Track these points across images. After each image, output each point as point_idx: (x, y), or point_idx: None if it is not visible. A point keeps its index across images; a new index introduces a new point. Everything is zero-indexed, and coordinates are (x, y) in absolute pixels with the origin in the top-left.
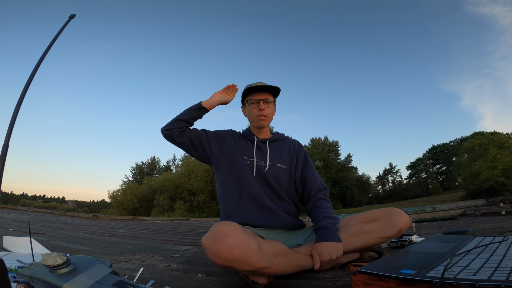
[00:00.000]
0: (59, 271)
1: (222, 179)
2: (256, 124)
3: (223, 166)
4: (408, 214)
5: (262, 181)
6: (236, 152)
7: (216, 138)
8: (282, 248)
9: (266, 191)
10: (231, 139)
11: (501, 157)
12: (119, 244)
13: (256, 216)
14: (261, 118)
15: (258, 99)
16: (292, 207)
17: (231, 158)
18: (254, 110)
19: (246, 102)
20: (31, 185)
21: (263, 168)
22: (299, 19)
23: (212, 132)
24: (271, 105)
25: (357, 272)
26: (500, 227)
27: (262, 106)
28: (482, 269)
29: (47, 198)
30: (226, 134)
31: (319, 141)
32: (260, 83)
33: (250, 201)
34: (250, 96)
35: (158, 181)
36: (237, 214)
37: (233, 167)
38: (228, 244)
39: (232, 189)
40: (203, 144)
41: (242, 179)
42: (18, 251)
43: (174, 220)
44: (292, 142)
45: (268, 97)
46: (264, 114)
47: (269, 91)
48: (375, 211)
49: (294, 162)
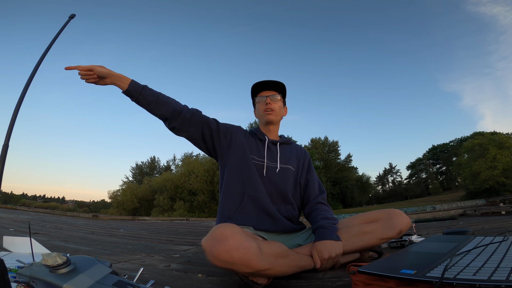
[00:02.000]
0: (59, 271)
1: (227, 176)
2: (264, 119)
3: (230, 163)
4: (408, 214)
5: (271, 183)
6: (246, 150)
7: (226, 132)
8: (282, 250)
9: (273, 193)
10: (242, 136)
11: (501, 157)
12: (119, 244)
13: (257, 220)
14: (267, 112)
15: (264, 96)
16: (296, 211)
17: (240, 156)
18: (261, 106)
19: (256, 102)
20: (31, 185)
21: (273, 170)
22: (299, 18)
23: (222, 125)
24: (278, 102)
25: (357, 272)
26: (500, 227)
27: (269, 101)
28: (482, 269)
29: (47, 198)
30: (236, 130)
31: (319, 141)
32: (260, 81)
33: (252, 204)
34: (258, 95)
35: (158, 181)
36: (237, 216)
37: (239, 166)
38: (228, 247)
39: (235, 188)
40: (213, 136)
41: (247, 179)
42: (18, 251)
43: (174, 220)
44: (299, 147)
45: (274, 93)
46: (271, 108)
47: (273, 88)
48: (375, 212)
49: (301, 166)
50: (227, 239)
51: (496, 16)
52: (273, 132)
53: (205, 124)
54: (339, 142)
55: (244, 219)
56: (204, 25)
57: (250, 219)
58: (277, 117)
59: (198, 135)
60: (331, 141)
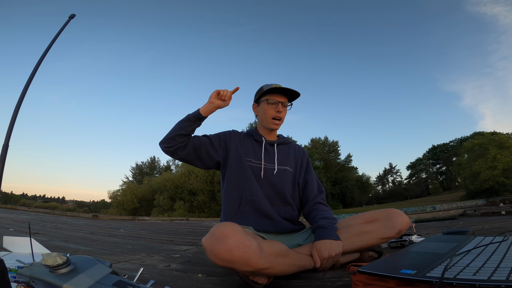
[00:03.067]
0: (59, 271)
1: (226, 182)
2: (268, 125)
3: (228, 169)
4: (408, 214)
5: (269, 185)
6: (241, 155)
7: (219, 142)
8: (282, 249)
9: (272, 195)
10: (236, 140)
11: (501, 157)
12: (119, 244)
13: (256, 223)
14: (275, 122)
15: (278, 101)
16: (296, 212)
17: (235, 161)
18: (270, 111)
19: (264, 101)
20: (31, 185)
21: (271, 171)
22: (299, 18)
23: (214, 136)
24: (286, 110)
25: (357, 272)
26: (500, 227)
27: (281, 109)
28: (482, 269)
29: (47, 198)
30: (229, 136)
31: (319, 141)
32: (279, 85)
33: (250, 207)
34: (270, 96)
35: (158, 181)
36: (237, 220)
37: (236, 171)
38: (228, 245)
39: (233, 194)
40: (209, 152)
41: (243, 183)
42: (18, 251)
43: (174, 220)
44: (296, 146)
45: (286, 100)
46: (280, 117)
47: (289, 95)
48: (375, 212)
49: (299, 166)
50: (228, 237)
51: (496, 16)
52: (272, 134)
53: (196, 143)
54: (339, 142)
55: (243, 222)
56: (204, 25)
57: (249, 222)
58: (280, 125)
59: (192, 156)
60: (331, 141)
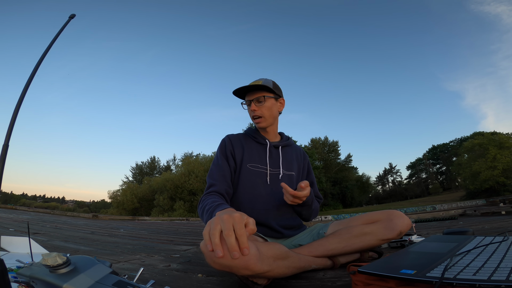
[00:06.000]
0: (59, 271)
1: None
2: (256, 126)
3: (234, 175)
4: (408, 214)
5: (275, 191)
6: (244, 160)
7: (229, 158)
8: (282, 251)
9: (277, 202)
10: (239, 147)
11: (501, 157)
12: (119, 244)
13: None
14: (256, 121)
15: (249, 100)
16: (298, 219)
17: (239, 167)
18: (249, 113)
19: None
20: (31, 185)
21: (276, 176)
22: (299, 17)
23: (223, 155)
24: (264, 104)
25: (357, 272)
26: (500, 227)
27: (254, 107)
28: (482, 269)
29: (47, 198)
30: (230, 145)
31: (319, 141)
32: (256, 81)
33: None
34: (243, 98)
35: (158, 181)
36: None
37: (238, 177)
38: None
39: (233, 204)
40: (231, 172)
41: (242, 193)
42: (16, 251)
43: (174, 220)
44: (298, 149)
45: (258, 95)
46: (258, 115)
47: (261, 89)
48: (376, 213)
49: (301, 171)
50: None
51: (499, 15)
52: (272, 132)
53: (229, 188)
54: (339, 142)
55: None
56: (205, 23)
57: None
58: (268, 120)
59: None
60: (331, 141)
